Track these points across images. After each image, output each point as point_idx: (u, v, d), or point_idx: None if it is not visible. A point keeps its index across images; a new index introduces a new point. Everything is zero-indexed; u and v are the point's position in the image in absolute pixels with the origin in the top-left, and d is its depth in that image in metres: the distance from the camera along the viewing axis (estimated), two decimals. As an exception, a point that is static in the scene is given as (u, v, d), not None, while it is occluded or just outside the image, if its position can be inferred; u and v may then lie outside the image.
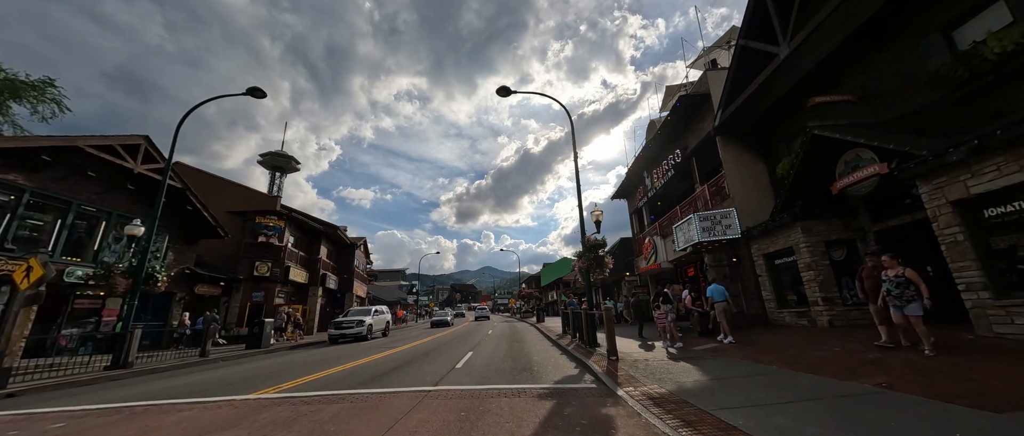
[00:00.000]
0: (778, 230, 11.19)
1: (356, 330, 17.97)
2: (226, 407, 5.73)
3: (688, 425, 3.79)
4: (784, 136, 12.96)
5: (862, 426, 3.39)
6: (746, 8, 11.79)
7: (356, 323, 18.23)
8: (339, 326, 18.11)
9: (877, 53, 9.58)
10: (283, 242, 22.86)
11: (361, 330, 18.07)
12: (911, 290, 5.56)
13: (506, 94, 12.83)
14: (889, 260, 5.91)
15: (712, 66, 17.63)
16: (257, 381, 7.94)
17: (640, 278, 23.53)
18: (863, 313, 9.56)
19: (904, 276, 5.66)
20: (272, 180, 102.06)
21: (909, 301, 5.54)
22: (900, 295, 5.63)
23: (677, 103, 15.67)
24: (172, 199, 15.85)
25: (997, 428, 3.09)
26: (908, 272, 5.68)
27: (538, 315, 31.48)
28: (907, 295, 5.55)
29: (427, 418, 4.68)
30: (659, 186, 19.07)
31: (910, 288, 5.57)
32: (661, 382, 5.71)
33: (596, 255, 11.60)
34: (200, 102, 13.11)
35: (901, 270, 5.74)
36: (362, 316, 19.11)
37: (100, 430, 4.84)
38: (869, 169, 8.74)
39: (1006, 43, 6.78)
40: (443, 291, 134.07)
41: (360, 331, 18.04)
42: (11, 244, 11.81)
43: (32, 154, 11.87)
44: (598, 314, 11.51)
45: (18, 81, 15.63)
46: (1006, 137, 5.83)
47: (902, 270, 5.73)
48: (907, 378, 4.69)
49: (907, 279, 5.63)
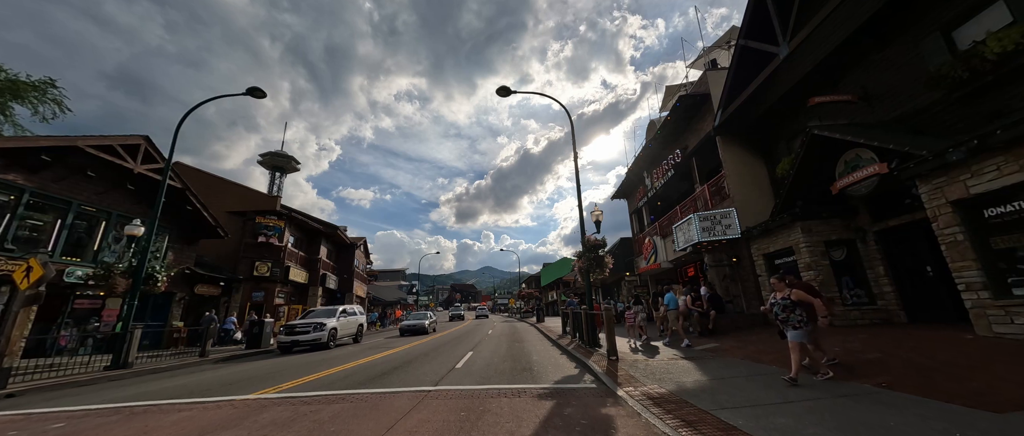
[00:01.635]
0: (778, 230, 11.19)
1: (314, 336, 14.49)
2: (226, 407, 5.73)
3: (688, 425, 3.79)
4: (784, 136, 12.96)
5: (862, 426, 3.39)
6: (746, 8, 11.80)
7: (314, 327, 14.72)
8: (292, 330, 14.65)
9: (877, 53, 9.58)
10: (283, 242, 22.86)
11: (320, 335, 14.58)
12: (797, 314, 5.15)
13: (506, 94, 12.83)
14: (776, 282, 5.58)
15: (712, 66, 17.62)
16: (257, 381, 7.94)
17: (640, 278, 23.53)
18: (863, 313, 9.58)
19: (789, 298, 5.28)
20: (272, 180, 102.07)
21: (794, 326, 5.11)
22: (786, 319, 5.22)
23: (677, 103, 15.67)
24: (172, 199, 15.85)
25: (997, 428, 3.09)
26: (794, 293, 5.27)
27: (538, 315, 31.48)
28: (792, 320, 5.15)
29: (427, 418, 4.68)
30: (659, 186, 19.07)
31: (797, 311, 5.17)
32: (661, 382, 5.71)
33: (596, 255, 11.60)
34: (200, 102, 13.12)
35: (787, 292, 5.35)
36: (324, 318, 15.67)
37: (100, 430, 4.84)
38: (869, 169, 8.73)
39: (1006, 43, 6.77)
40: (443, 291, 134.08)
41: (319, 337, 14.53)
42: (11, 244, 11.80)
43: (32, 154, 11.87)
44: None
45: (19, 82, 15.63)
46: (1006, 137, 5.83)
47: (788, 292, 5.35)
48: (907, 378, 4.69)
49: (793, 302, 5.24)
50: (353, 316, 18.07)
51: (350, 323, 17.43)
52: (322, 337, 14.60)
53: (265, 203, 24.34)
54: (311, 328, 14.68)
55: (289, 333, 14.53)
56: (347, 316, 17.40)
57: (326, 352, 13.55)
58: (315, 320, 15.24)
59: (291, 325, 14.90)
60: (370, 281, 45.22)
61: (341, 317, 16.55)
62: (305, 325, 14.78)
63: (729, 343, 9.15)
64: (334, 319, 15.83)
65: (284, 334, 14.59)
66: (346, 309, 17.74)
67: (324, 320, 15.28)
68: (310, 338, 14.44)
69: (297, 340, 14.35)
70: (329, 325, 15.12)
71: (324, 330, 14.77)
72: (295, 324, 14.92)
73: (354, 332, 17.77)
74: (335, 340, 15.56)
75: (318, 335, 14.56)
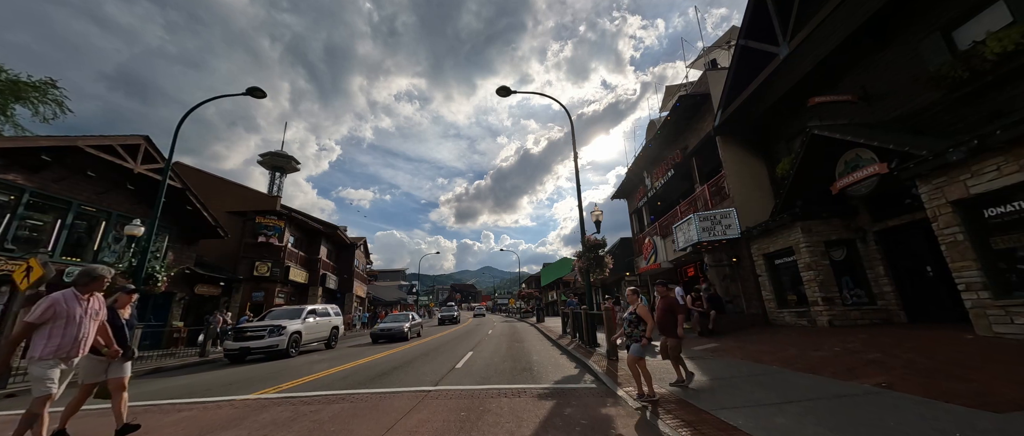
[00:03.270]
0: (778, 230, 11.19)
1: (270, 341, 11.98)
2: (226, 407, 5.73)
3: (688, 425, 3.79)
4: (784, 136, 12.96)
5: (862, 426, 3.39)
6: (746, 8, 11.79)
7: (270, 331, 12.15)
8: (242, 335, 12.16)
9: (877, 53, 9.58)
10: (283, 242, 22.87)
11: (277, 341, 12.07)
12: (641, 329, 5.01)
13: (506, 94, 12.84)
14: (631, 295, 5.36)
15: (712, 66, 17.62)
16: (257, 381, 7.95)
17: (640, 278, 23.53)
18: (863, 313, 9.58)
19: (635, 313, 5.12)
20: (272, 180, 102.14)
21: (636, 340, 4.98)
22: (631, 334, 5.11)
23: (677, 103, 15.66)
24: (172, 199, 15.85)
25: (997, 428, 3.09)
26: (640, 309, 5.12)
27: (538, 315, 31.48)
28: (635, 334, 5.02)
29: (427, 418, 4.68)
30: (659, 186, 19.07)
31: (640, 326, 5.04)
32: (661, 382, 5.71)
33: (596, 255, 11.62)
34: (200, 102, 13.12)
35: (636, 305, 5.20)
36: (285, 319, 13.16)
37: (99, 430, 4.84)
38: (869, 169, 8.74)
39: (1006, 43, 6.77)
40: (443, 291, 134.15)
41: (276, 343, 12.03)
42: (11, 244, 11.81)
43: (32, 154, 11.87)
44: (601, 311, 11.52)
45: (20, 82, 15.62)
46: (1006, 137, 5.83)
47: (636, 306, 5.19)
48: (907, 378, 4.69)
49: (638, 316, 5.09)
50: (325, 317, 15.35)
51: (320, 326, 14.71)
52: (280, 343, 12.10)
53: (265, 203, 24.36)
54: (266, 332, 12.11)
55: (239, 338, 12.11)
56: (317, 317, 14.79)
57: (285, 361, 11.31)
58: (272, 323, 12.63)
59: (242, 328, 12.58)
60: (370, 281, 45.25)
61: (308, 318, 14.08)
62: (259, 328, 12.23)
63: (729, 343, 9.15)
64: (298, 321, 13.39)
65: (233, 339, 12.23)
66: (315, 309, 15.16)
67: (284, 322, 12.73)
68: (264, 344, 11.91)
69: (248, 347, 11.86)
70: (290, 329, 12.63)
71: (282, 334, 12.25)
72: (247, 327, 12.50)
73: (325, 337, 15.24)
74: (299, 346, 13.11)
75: (275, 341, 12.04)
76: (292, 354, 12.54)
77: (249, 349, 11.87)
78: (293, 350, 12.67)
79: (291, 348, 12.58)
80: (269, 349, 11.95)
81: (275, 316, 13.75)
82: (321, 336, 14.89)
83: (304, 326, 13.59)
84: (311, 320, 14.25)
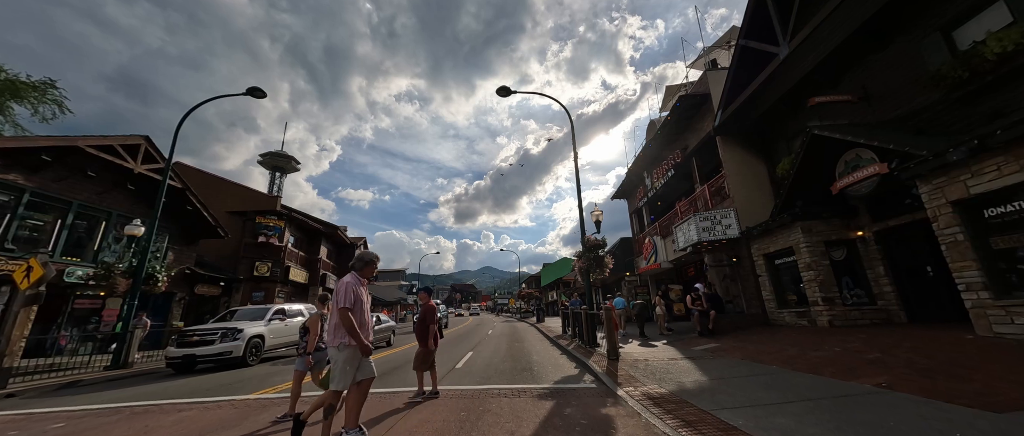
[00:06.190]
0: (778, 230, 11.19)
1: (222, 347, 10.02)
2: (226, 407, 5.74)
3: (688, 425, 3.78)
4: (784, 136, 12.96)
5: (862, 426, 3.38)
6: (746, 8, 11.79)
7: (223, 334, 10.24)
8: (186, 340, 10.22)
9: (877, 53, 9.58)
10: (283, 242, 22.86)
11: (232, 347, 10.10)
12: (303, 341, 5.16)
13: (506, 94, 12.84)
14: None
15: (712, 66, 17.63)
16: (257, 381, 7.95)
17: (640, 278, 23.53)
18: (863, 313, 9.58)
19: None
20: (272, 180, 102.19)
21: (299, 352, 5.16)
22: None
23: (677, 103, 15.67)
24: (172, 199, 15.85)
25: (997, 428, 3.09)
26: (309, 321, 5.21)
27: (538, 315, 31.49)
28: (299, 346, 5.23)
29: (427, 418, 4.68)
30: (659, 186, 19.07)
31: (303, 338, 5.18)
32: (661, 382, 5.71)
33: (596, 255, 11.62)
34: (200, 102, 13.13)
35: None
36: (245, 321, 11.27)
37: (100, 430, 4.84)
38: (869, 169, 8.73)
39: (1006, 43, 6.77)
40: (443, 291, 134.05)
41: (230, 349, 10.05)
42: (11, 244, 11.81)
43: (32, 154, 11.88)
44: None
45: (19, 82, 15.63)
46: (1006, 137, 5.83)
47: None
48: (907, 378, 4.69)
49: (305, 327, 5.19)
50: (297, 318, 12.81)
51: (291, 330, 12.25)
52: (234, 349, 10.07)
53: (265, 203, 24.36)
54: (218, 336, 10.16)
55: (183, 343, 10.14)
56: (286, 318, 12.42)
57: (240, 372, 9.46)
58: (227, 325, 10.67)
59: (187, 331, 10.61)
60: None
61: (274, 320, 11.86)
62: (209, 331, 10.29)
63: (729, 343, 9.15)
64: (261, 323, 11.33)
65: (177, 344, 10.25)
66: (284, 309, 12.71)
67: (241, 325, 10.71)
68: (215, 351, 9.95)
69: (194, 355, 9.92)
70: (248, 332, 10.55)
71: (238, 339, 10.23)
72: (193, 330, 10.55)
73: (298, 340, 13.36)
74: (260, 353, 10.95)
75: (228, 347, 10.04)
76: (249, 362, 10.45)
77: (194, 356, 9.93)
78: (252, 358, 10.58)
79: (250, 356, 10.49)
80: (220, 357, 10.02)
81: (237, 317, 12.00)
82: (291, 340, 12.26)
83: (268, 329, 11.43)
84: (278, 322, 12.01)
